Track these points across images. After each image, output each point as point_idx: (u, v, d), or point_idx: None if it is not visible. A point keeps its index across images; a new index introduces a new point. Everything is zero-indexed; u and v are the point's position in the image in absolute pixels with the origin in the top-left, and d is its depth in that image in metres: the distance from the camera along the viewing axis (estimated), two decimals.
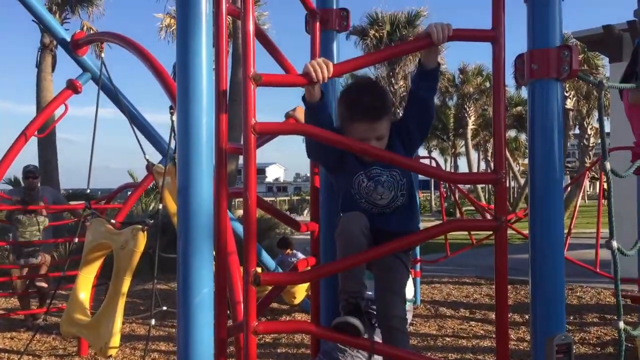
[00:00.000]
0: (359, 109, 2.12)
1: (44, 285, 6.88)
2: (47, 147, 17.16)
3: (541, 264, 1.85)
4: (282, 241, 8.01)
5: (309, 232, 2.52)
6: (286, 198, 48.47)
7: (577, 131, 28.86)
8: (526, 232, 1.92)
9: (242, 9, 1.71)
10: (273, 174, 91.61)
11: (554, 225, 1.86)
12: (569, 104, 25.65)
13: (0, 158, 5.72)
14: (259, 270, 1.73)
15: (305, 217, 28.16)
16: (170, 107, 4.52)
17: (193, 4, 1.72)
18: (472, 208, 21.26)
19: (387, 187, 2.21)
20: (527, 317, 6.53)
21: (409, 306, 2.71)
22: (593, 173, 19.54)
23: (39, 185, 7.18)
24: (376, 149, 1.87)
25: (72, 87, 5.66)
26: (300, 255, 7.66)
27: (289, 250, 7.83)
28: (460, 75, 34.60)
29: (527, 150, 2.00)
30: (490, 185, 2.05)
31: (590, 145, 26.03)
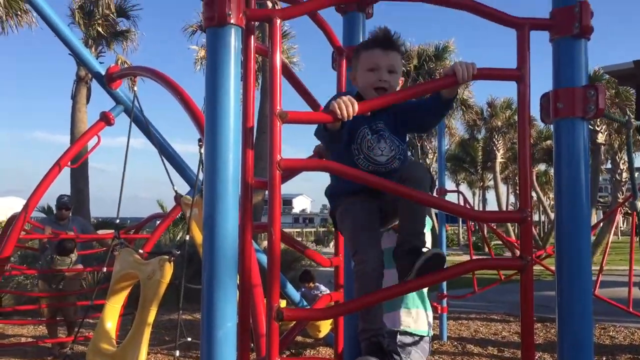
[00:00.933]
0: (374, 39, 2.30)
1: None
2: (80, 176, 17.49)
3: (568, 302, 1.82)
4: (304, 275, 8.02)
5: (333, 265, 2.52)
6: (312, 229, 48.41)
7: (609, 165, 28.38)
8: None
9: (270, 48, 1.76)
10: (300, 205, 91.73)
11: (581, 262, 1.83)
12: (600, 138, 25.28)
13: (35, 187, 5.86)
14: (283, 303, 1.74)
15: (331, 248, 28.01)
16: (199, 140, 4.60)
17: (222, 43, 1.77)
18: (501, 242, 20.92)
19: (389, 145, 2.25)
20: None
21: (426, 340, 2.68)
22: (626, 208, 19.16)
23: (70, 215, 7.34)
24: (392, 183, 1.87)
25: (106, 119, 5.81)
26: (323, 289, 7.63)
27: (311, 284, 7.81)
28: (489, 109, 34.45)
29: None
30: None
31: (623, 180, 25.54)
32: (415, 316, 2.68)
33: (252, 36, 1.86)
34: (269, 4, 2.38)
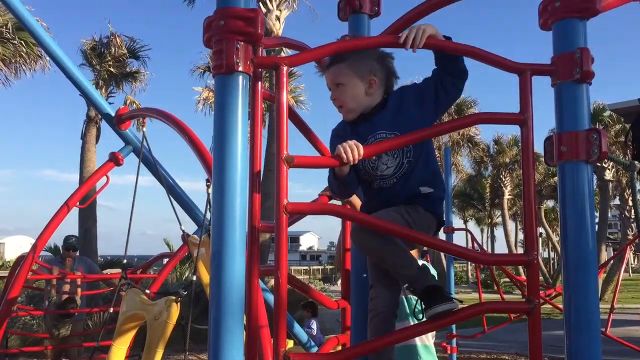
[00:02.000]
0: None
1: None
2: (88, 216, 17.57)
3: (576, 341, 1.82)
4: (308, 305, 8.21)
5: None
6: (320, 267, 48.09)
7: (617, 201, 28.25)
8: None
9: (277, 94, 1.80)
10: (307, 242, 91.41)
11: (588, 301, 1.83)
12: (608, 175, 25.24)
13: (44, 227, 5.89)
14: (290, 344, 1.73)
15: (338, 286, 27.80)
16: (207, 180, 4.63)
17: (230, 89, 1.80)
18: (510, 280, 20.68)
19: (390, 154, 2.13)
20: None
21: None
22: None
23: (77, 254, 7.37)
24: (417, 233, 1.88)
25: (115, 159, 5.86)
26: (314, 327, 7.78)
27: (309, 314, 8.08)
28: (495, 146, 34.58)
29: None
30: None
31: (632, 216, 25.39)
32: None
33: (260, 83, 1.90)
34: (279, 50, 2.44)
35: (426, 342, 2.80)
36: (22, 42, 15.02)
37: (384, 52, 2.26)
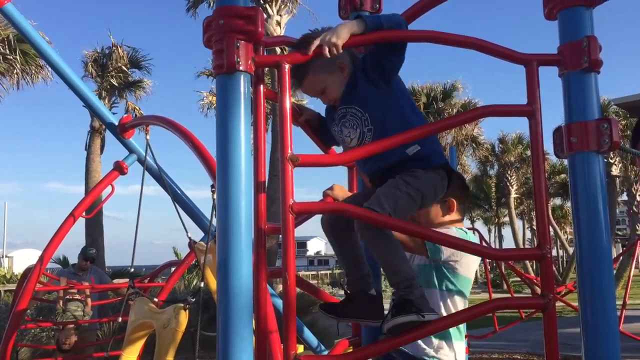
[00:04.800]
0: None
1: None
2: (95, 226, 17.60)
3: (593, 339, 1.77)
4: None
5: None
6: (328, 272, 47.97)
7: (625, 197, 28.09)
8: (577, 304, 1.85)
9: (279, 93, 1.77)
10: (314, 247, 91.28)
11: (604, 297, 1.78)
12: (615, 170, 25.11)
13: (50, 238, 5.88)
14: (300, 348, 1.70)
15: None
16: (212, 186, 4.61)
17: (232, 89, 1.78)
18: (520, 279, 20.59)
19: (350, 126, 2.13)
20: None
21: None
22: None
23: (90, 266, 7.41)
24: (423, 228, 1.85)
25: (119, 168, 5.85)
26: None
27: None
28: (500, 145, 34.46)
29: None
30: None
31: None
32: (437, 346, 2.63)
33: (262, 84, 1.87)
34: (277, 50, 2.41)
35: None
36: (20, 55, 15.09)
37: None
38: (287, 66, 1.77)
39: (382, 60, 2.07)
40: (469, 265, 2.69)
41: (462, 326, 2.73)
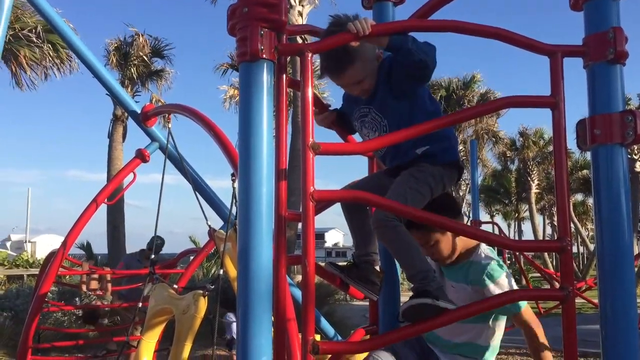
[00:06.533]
0: (322, 72, 2.19)
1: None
2: (116, 213, 17.82)
3: (613, 337, 1.75)
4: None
5: (367, 299, 2.49)
6: (346, 263, 47.95)
7: None
8: (597, 301, 1.84)
9: (302, 81, 1.78)
10: (332, 239, 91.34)
11: (625, 295, 1.77)
12: (639, 167, 24.71)
13: (72, 224, 5.98)
14: (317, 338, 1.72)
15: None
16: (232, 174, 4.64)
17: (255, 77, 1.79)
18: (539, 275, 20.42)
19: (370, 128, 2.20)
20: None
21: None
22: None
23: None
24: (426, 213, 1.86)
25: (141, 156, 5.92)
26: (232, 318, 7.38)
27: None
28: (521, 138, 34.08)
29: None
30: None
31: None
32: None
33: (285, 74, 1.88)
34: (299, 40, 2.43)
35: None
36: (50, 46, 15.27)
37: None
38: (310, 55, 1.77)
39: (406, 79, 2.10)
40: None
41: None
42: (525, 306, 2.35)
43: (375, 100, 2.18)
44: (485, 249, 2.57)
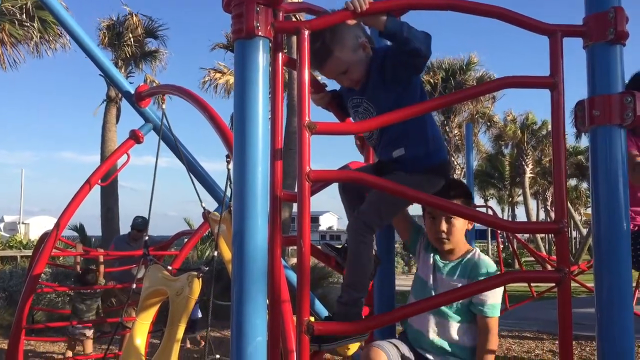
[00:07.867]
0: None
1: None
2: (110, 195, 17.75)
3: (608, 320, 1.75)
4: None
5: None
6: (340, 247, 48.09)
7: None
8: (590, 284, 1.84)
9: (298, 60, 1.75)
10: (327, 222, 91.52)
11: (621, 278, 1.76)
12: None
13: (66, 206, 5.95)
14: (312, 319, 1.71)
15: None
16: (227, 156, 4.62)
17: (250, 55, 1.77)
18: (532, 259, 20.58)
19: (362, 118, 2.21)
20: None
21: None
22: None
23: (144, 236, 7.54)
24: (434, 198, 1.84)
25: (135, 137, 5.88)
26: None
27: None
28: (510, 124, 34.03)
29: (588, 200, 1.93)
30: (551, 235, 1.96)
31: None
32: None
33: (280, 53, 1.85)
34: (294, 19, 2.40)
35: None
36: (39, 21, 15.08)
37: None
38: (306, 32, 1.74)
39: (400, 67, 2.09)
40: (495, 293, 2.44)
41: None
42: (496, 316, 2.34)
43: (367, 90, 2.19)
44: (478, 250, 2.59)
